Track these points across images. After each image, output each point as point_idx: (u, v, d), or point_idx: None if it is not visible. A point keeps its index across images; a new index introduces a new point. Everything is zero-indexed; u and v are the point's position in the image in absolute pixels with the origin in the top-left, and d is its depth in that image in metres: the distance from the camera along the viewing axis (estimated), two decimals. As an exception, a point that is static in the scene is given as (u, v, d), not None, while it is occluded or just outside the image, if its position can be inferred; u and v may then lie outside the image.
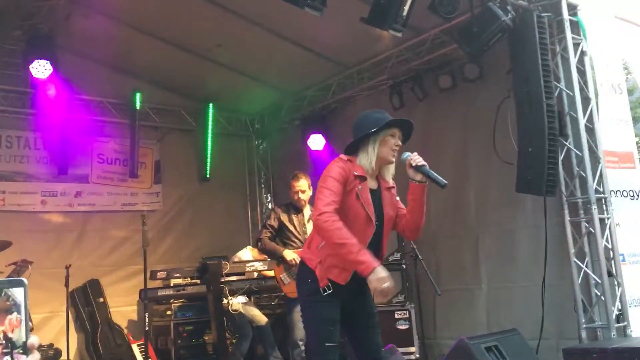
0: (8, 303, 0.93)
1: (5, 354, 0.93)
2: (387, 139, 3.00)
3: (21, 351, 0.93)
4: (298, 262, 4.74)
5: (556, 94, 5.15)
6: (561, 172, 5.18)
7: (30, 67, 6.28)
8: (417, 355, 5.81)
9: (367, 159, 2.99)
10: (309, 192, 5.11)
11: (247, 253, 6.55)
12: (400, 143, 3.04)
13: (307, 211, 5.13)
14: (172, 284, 7.22)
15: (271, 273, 6.42)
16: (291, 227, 5.09)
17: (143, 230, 4.42)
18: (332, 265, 2.88)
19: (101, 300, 7.22)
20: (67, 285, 6.38)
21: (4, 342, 0.93)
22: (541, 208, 5.22)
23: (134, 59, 7.19)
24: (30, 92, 6.90)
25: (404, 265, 6.10)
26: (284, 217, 5.11)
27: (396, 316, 5.98)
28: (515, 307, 5.70)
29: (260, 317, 6.18)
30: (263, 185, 9.05)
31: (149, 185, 8.10)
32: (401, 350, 4.69)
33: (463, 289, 6.16)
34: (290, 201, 5.22)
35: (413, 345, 5.86)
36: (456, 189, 6.32)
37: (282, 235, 5.10)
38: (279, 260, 5.02)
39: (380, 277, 2.67)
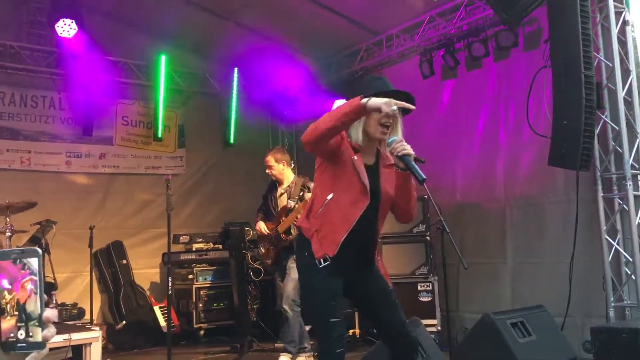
0: (23, 272, 0.86)
1: (20, 327, 0.86)
2: (372, 113, 2.68)
3: (37, 324, 0.86)
4: (262, 232, 5.27)
5: (595, 65, 4.94)
6: (596, 146, 5.00)
7: (56, 26, 6.25)
8: (439, 328, 5.76)
9: (354, 132, 2.79)
10: (279, 167, 5.30)
11: None
12: (389, 117, 2.72)
13: (285, 185, 5.35)
14: (194, 249, 7.27)
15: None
16: (270, 200, 5.41)
17: (167, 194, 4.37)
18: (324, 236, 2.76)
19: (124, 262, 7.28)
20: (90, 246, 6.44)
21: (17, 313, 0.86)
22: (573, 183, 5.06)
23: (159, 20, 7.09)
24: (55, 52, 6.88)
25: (428, 238, 6.01)
26: (268, 191, 5.49)
27: (419, 288, 5.92)
28: (541, 283, 5.59)
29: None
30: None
31: (172, 149, 8.08)
32: (423, 322, 4.62)
33: (488, 263, 6.05)
34: None
35: (435, 318, 5.81)
36: (485, 161, 6.18)
37: (266, 207, 5.47)
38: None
39: (374, 100, 2.52)
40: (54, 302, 6.00)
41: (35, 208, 5.79)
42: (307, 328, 5.16)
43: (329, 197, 2.79)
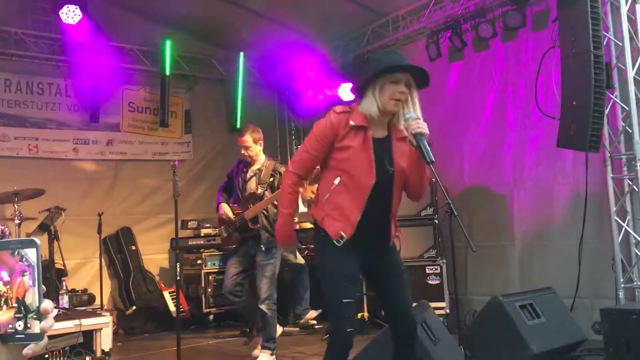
0: (21, 263, 0.86)
1: (19, 319, 0.86)
2: (386, 86, 2.72)
3: (35, 316, 0.86)
4: (227, 216, 4.85)
5: (604, 44, 4.87)
6: (606, 126, 4.95)
7: (60, 12, 6.22)
8: (448, 311, 5.76)
9: (369, 105, 2.77)
10: (256, 148, 4.89)
11: None
12: (404, 90, 2.72)
13: (255, 168, 4.93)
14: (202, 234, 7.29)
15: (305, 225, 6.52)
16: (237, 181, 4.96)
17: (174, 180, 4.37)
18: (336, 219, 2.77)
19: (133, 247, 7.33)
20: (99, 232, 6.47)
21: (16, 305, 0.86)
22: (582, 164, 5.02)
23: (164, 5, 7.05)
24: (60, 39, 6.86)
25: (436, 220, 6.00)
26: (234, 170, 5.04)
27: (427, 271, 5.92)
28: (550, 265, 5.57)
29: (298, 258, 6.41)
30: (293, 136, 8.96)
31: (179, 134, 8.08)
32: (432, 305, 4.62)
33: (496, 246, 6.04)
34: None
35: (444, 301, 5.81)
36: (493, 143, 6.13)
37: (230, 187, 5.06)
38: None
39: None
40: (64, 288, 6.04)
41: (44, 195, 5.81)
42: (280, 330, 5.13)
43: (336, 181, 2.79)
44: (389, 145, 2.83)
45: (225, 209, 4.87)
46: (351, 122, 2.77)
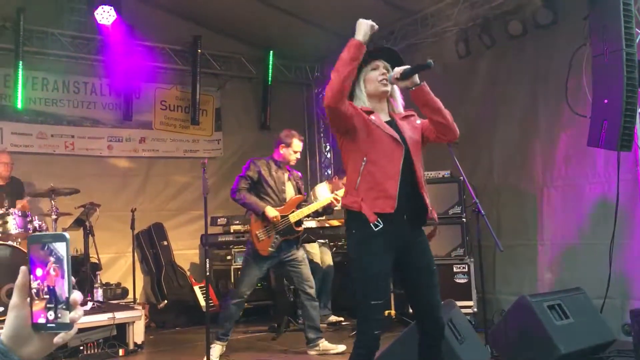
0: (51, 257, 0.92)
1: (49, 308, 0.93)
2: (369, 75, 2.93)
3: (64, 307, 0.92)
4: (279, 220, 4.85)
5: (637, 42, 4.79)
6: (638, 125, 4.86)
7: (95, 12, 6.37)
8: (475, 310, 5.75)
9: (360, 102, 2.92)
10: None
11: (323, 187, 6.78)
12: (385, 72, 2.92)
13: (285, 172, 5.10)
14: (232, 230, 7.40)
15: (333, 222, 6.56)
16: (271, 182, 4.97)
17: (203, 178, 4.46)
18: (375, 198, 2.78)
19: (165, 243, 7.47)
20: (132, 227, 6.63)
21: (47, 296, 0.92)
22: (613, 163, 4.95)
23: (195, 4, 7.16)
24: (95, 38, 7.03)
25: (464, 219, 5.98)
26: (265, 171, 4.99)
27: (454, 270, 5.91)
28: (580, 265, 5.51)
29: (324, 257, 6.46)
30: (322, 134, 9.00)
31: (210, 132, 8.20)
32: (459, 304, 4.62)
33: (525, 245, 5.99)
34: (271, 157, 5.10)
35: (471, 300, 5.80)
36: (523, 141, 6.09)
37: (258, 189, 4.98)
38: (260, 216, 4.90)
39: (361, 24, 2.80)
40: (99, 281, 6.22)
41: (80, 191, 5.99)
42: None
43: (363, 162, 2.82)
44: (395, 125, 2.92)
45: (272, 212, 4.85)
46: (361, 109, 2.88)
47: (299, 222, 4.98)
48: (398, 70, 2.82)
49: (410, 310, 3.26)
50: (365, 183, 2.80)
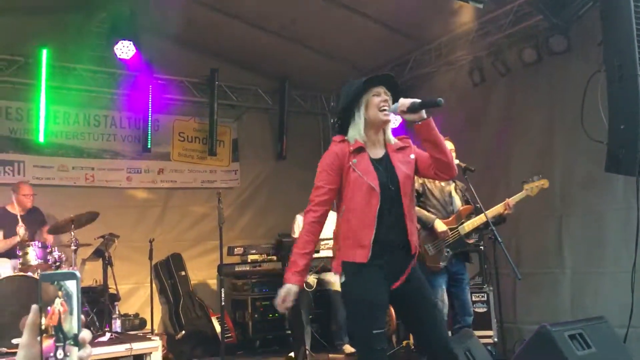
0: (60, 292, 0.94)
1: (58, 347, 0.93)
2: (370, 100, 2.88)
3: (72, 342, 0.93)
4: (448, 234, 4.69)
5: (653, 67, 4.76)
6: (657, 150, 4.81)
7: (115, 48, 6.53)
8: (496, 339, 5.64)
9: (356, 129, 2.88)
10: None
11: (333, 216, 6.72)
12: (387, 98, 2.89)
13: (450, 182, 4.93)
14: (249, 260, 7.40)
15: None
16: (437, 195, 4.88)
17: (219, 208, 4.51)
18: (350, 248, 2.78)
19: (183, 273, 7.49)
20: (150, 258, 6.67)
21: (54, 334, 0.93)
22: (633, 189, 4.87)
23: (211, 38, 7.31)
24: (116, 72, 7.19)
25: (482, 247, 5.91)
26: (431, 184, 4.87)
27: (473, 299, 5.82)
28: (602, 293, 5.41)
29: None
30: (339, 164, 9.02)
31: (227, 163, 8.28)
32: (478, 333, 4.55)
33: (546, 273, 5.90)
34: None
35: (491, 329, 5.70)
36: (540, 168, 6.02)
37: (423, 202, 4.84)
38: (428, 229, 4.75)
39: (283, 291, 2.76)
40: (117, 312, 6.24)
41: (98, 222, 6.06)
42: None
43: (342, 211, 2.85)
44: (388, 160, 2.89)
45: (446, 227, 4.75)
46: (350, 149, 2.85)
47: (469, 234, 4.83)
48: (405, 102, 2.76)
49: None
50: (342, 233, 2.83)
